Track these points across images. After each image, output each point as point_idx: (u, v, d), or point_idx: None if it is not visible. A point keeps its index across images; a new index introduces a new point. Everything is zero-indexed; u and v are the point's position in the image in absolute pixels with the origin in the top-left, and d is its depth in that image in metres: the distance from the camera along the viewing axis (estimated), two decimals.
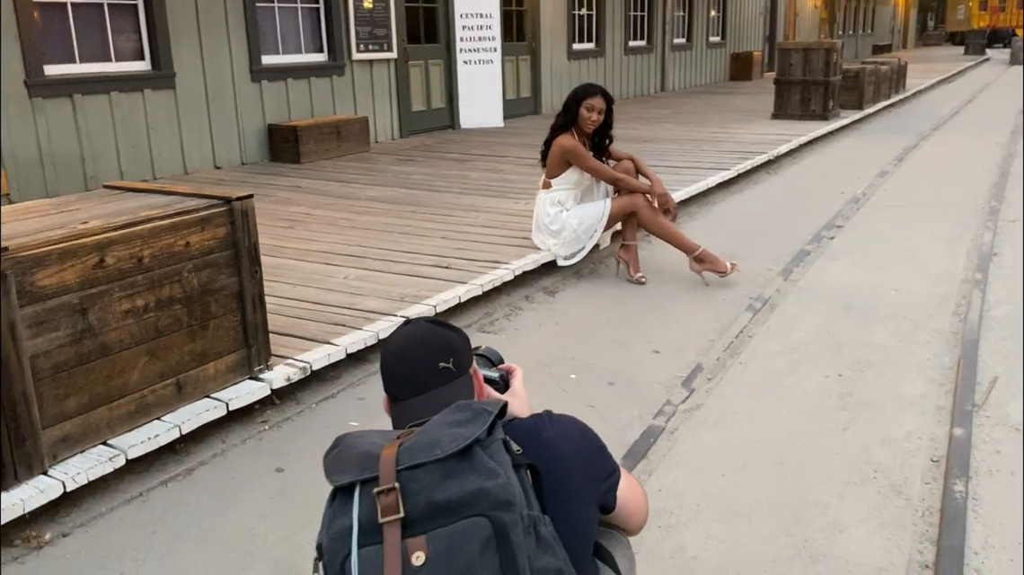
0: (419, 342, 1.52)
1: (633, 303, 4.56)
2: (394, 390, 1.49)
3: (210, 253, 2.87)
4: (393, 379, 1.50)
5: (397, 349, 1.51)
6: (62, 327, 2.46)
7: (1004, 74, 23.12)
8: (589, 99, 4.67)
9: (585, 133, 4.74)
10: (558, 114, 4.83)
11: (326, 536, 1.22)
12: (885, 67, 13.85)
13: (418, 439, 1.25)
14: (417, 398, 1.47)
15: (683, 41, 17.00)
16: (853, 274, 5.00)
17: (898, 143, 10.20)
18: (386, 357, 1.54)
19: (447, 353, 1.52)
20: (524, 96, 12.35)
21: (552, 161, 4.73)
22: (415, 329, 1.55)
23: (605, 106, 4.69)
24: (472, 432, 1.26)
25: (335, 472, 1.26)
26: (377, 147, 9.35)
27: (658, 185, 4.77)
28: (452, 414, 1.32)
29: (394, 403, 1.51)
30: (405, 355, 1.49)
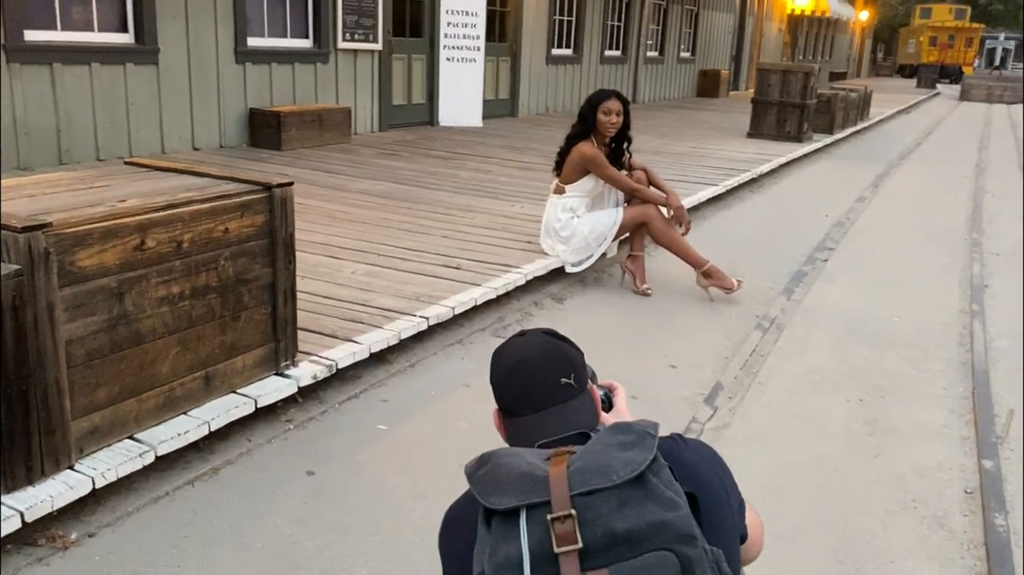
0: (541, 355, 1.42)
1: (642, 315, 4.51)
2: (512, 405, 1.40)
3: (247, 241, 2.72)
4: (512, 394, 1.40)
5: (516, 363, 1.42)
6: (98, 312, 2.30)
7: (956, 109, 23.85)
8: (605, 103, 4.61)
9: (604, 139, 4.68)
10: (574, 124, 4.76)
11: (489, 565, 1.11)
12: (854, 94, 14.13)
13: (586, 462, 1.15)
14: (537, 414, 1.38)
15: (656, 54, 17.11)
16: (853, 298, 5.03)
17: (870, 169, 10.39)
18: (503, 370, 1.44)
19: (568, 368, 1.43)
20: (502, 98, 12.26)
21: (570, 168, 4.65)
22: (534, 341, 1.45)
23: (622, 107, 4.64)
24: (643, 457, 1.17)
25: (494, 493, 1.15)
26: (357, 139, 9.17)
27: (674, 198, 4.73)
28: (613, 435, 1.22)
29: (509, 418, 1.42)
30: (526, 369, 1.40)
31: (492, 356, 1.53)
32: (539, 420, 1.38)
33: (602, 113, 4.60)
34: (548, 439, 1.33)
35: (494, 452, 1.22)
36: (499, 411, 1.47)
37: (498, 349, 1.53)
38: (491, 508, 1.13)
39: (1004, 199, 8.76)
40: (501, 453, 1.22)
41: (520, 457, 1.20)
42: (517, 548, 1.10)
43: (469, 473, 1.20)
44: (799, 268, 5.64)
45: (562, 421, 1.38)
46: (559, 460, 1.17)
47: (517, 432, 1.40)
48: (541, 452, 1.24)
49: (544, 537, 1.09)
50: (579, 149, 4.60)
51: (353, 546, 2.34)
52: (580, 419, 1.39)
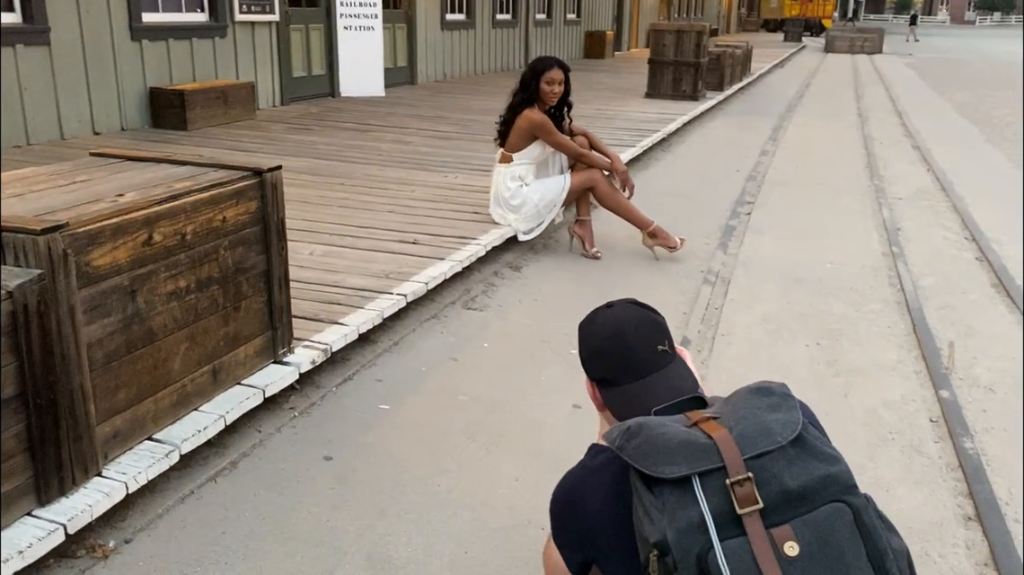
0: (636, 325, 1.49)
1: (597, 277, 4.62)
2: (614, 375, 1.46)
3: (243, 229, 2.65)
4: (613, 364, 1.46)
5: (614, 333, 1.48)
6: (114, 312, 2.21)
7: (824, 61, 25.01)
8: (548, 72, 4.66)
9: (545, 107, 4.73)
10: (515, 91, 4.79)
11: (671, 530, 1.16)
12: (739, 51, 14.63)
13: (745, 427, 1.22)
14: (642, 382, 1.45)
15: (544, 17, 17.19)
16: (784, 248, 5.30)
17: (764, 124, 10.84)
18: (601, 341, 1.49)
19: (662, 334, 1.51)
20: (400, 65, 12.09)
21: (516, 136, 4.69)
22: (627, 312, 1.51)
23: (564, 77, 4.70)
24: (795, 418, 1.25)
25: (659, 462, 1.20)
26: (262, 114, 8.89)
27: (618, 162, 4.84)
28: (756, 398, 1.30)
29: (610, 388, 1.47)
30: (625, 339, 1.47)
31: (581, 329, 1.57)
32: (646, 388, 1.44)
33: (545, 83, 4.64)
34: (662, 405, 1.39)
35: (640, 423, 1.27)
36: (595, 383, 1.52)
37: (586, 322, 1.57)
38: (660, 477, 1.19)
39: (890, 146, 9.34)
40: (648, 424, 1.27)
41: (669, 426, 1.25)
42: (698, 512, 1.15)
43: (619, 445, 1.25)
44: (726, 223, 5.88)
45: (669, 387, 1.44)
46: (712, 426, 1.23)
47: (623, 400, 1.45)
48: (679, 418, 1.30)
49: (723, 500, 1.15)
50: (527, 116, 4.63)
51: (392, 526, 2.36)
52: (684, 384, 1.46)
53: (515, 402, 3.14)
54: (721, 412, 1.28)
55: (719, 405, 1.34)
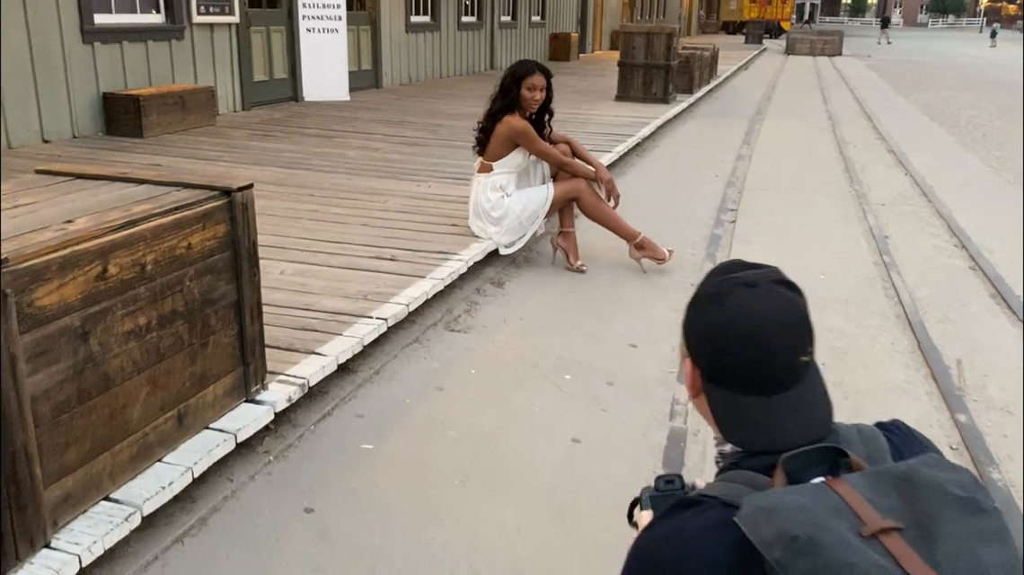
0: (782, 322, 1.07)
1: (584, 293, 4.40)
2: (732, 380, 1.08)
3: (211, 255, 2.37)
4: (739, 369, 1.07)
5: (752, 331, 1.06)
6: (63, 358, 1.92)
7: (786, 63, 25.13)
8: (529, 78, 4.44)
9: (525, 114, 4.50)
10: (494, 97, 4.55)
11: None
12: (707, 53, 14.54)
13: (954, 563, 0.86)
14: (769, 399, 1.06)
15: (509, 19, 16.97)
16: (773, 258, 5.02)
17: (736, 127, 10.72)
18: (733, 339, 1.07)
19: (808, 338, 1.09)
20: (365, 68, 11.78)
21: (497, 143, 4.44)
22: (773, 300, 1.08)
23: (546, 82, 4.48)
24: (1015, 556, 0.90)
25: None
26: (222, 120, 8.52)
27: (602, 170, 4.62)
28: (965, 517, 0.91)
29: (720, 390, 1.09)
30: (766, 343, 1.05)
31: (700, 304, 1.13)
32: (770, 409, 1.06)
33: (526, 89, 4.42)
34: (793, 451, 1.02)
35: (812, 539, 0.90)
36: (701, 373, 1.12)
37: (714, 299, 1.11)
38: None
39: (865, 150, 9.25)
40: (824, 543, 0.90)
41: (853, 549, 0.89)
42: None
43: (778, 559, 0.90)
44: (711, 231, 5.70)
45: (802, 417, 1.06)
46: (907, 556, 0.88)
47: (734, 413, 1.09)
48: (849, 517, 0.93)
49: None
50: (508, 123, 4.40)
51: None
52: (818, 413, 1.08)
53: (508, 437, 2.89)
54: (898, 512, 0.93)
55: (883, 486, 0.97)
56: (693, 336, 1.12)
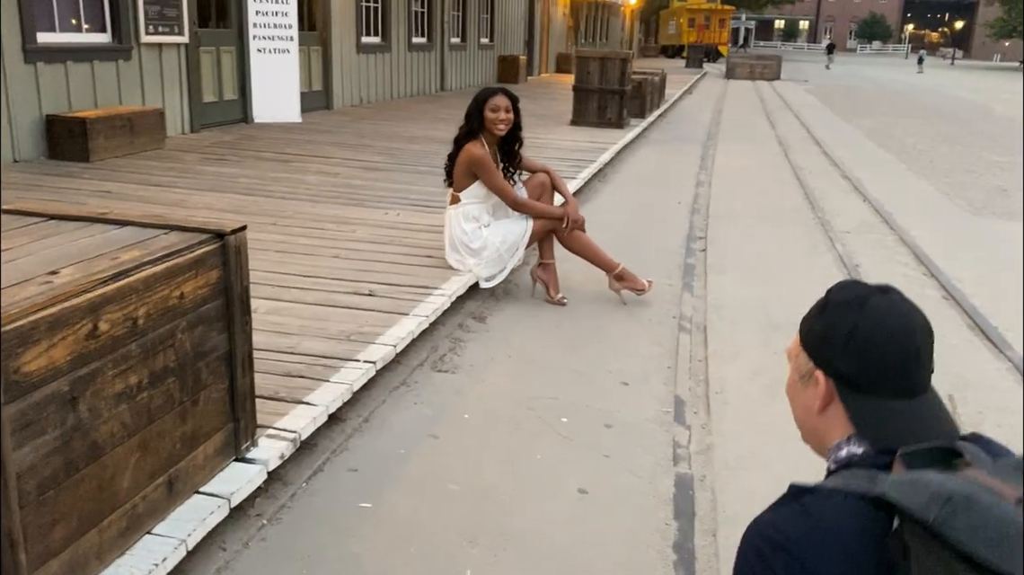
0: (924, 328, 1.10)
1: (567, 327, 4.27)
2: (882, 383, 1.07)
3: (203, 304, 2.18)
4: (889, 369, 1.07)
5: (903, 331, 1.08)
6: (49, 428, 1.72)
7: (727, 87, 25.59)
8: (492, 99, 4.34)
9: (495, 139, 4.40)
10: (461, 126, 4.43)
11: None
12: (656, 78, 14.67)
13: None
14: (909, 403, 1.08)
15: (459, 41, 16.90)
16: (750, 289, 5.09)
17: (691, 152, 10.79)
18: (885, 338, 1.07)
19: (933, 345, 1.13)
20: (316, 90, 11.54)
21: (460, 172, 4.33)
22: (908, 305, 1.11)
23: (510, 104, 4.38)
24: None
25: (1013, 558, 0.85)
26: (171, 143, 8.21)
27: (573, 208, 4.49)
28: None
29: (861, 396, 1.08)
30: (915, 344, 1.08)
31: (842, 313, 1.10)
32: (912, 411, 1.08)
33: (489, 110, 4.31)
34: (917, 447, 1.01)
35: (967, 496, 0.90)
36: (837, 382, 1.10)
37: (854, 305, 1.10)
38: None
39: (820, 176, 9.38)
40: (979, 499, 0.89)
41: (1006, 507, 0.89)
42: None
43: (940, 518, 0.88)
44: (684, 261, 5.65)
45: (934, 417, 1.08)
46: None
47: (881, 419, 1.08)
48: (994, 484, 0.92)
49: None
50: (467, 150, 4.28)
51: None
52: (946, 416, 1.10)
53: (512, 490, 2.74)
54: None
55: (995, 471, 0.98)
56: (831, 344, 1.10)
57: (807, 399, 1.14)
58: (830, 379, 1.10)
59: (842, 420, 1.10)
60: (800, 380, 1.16)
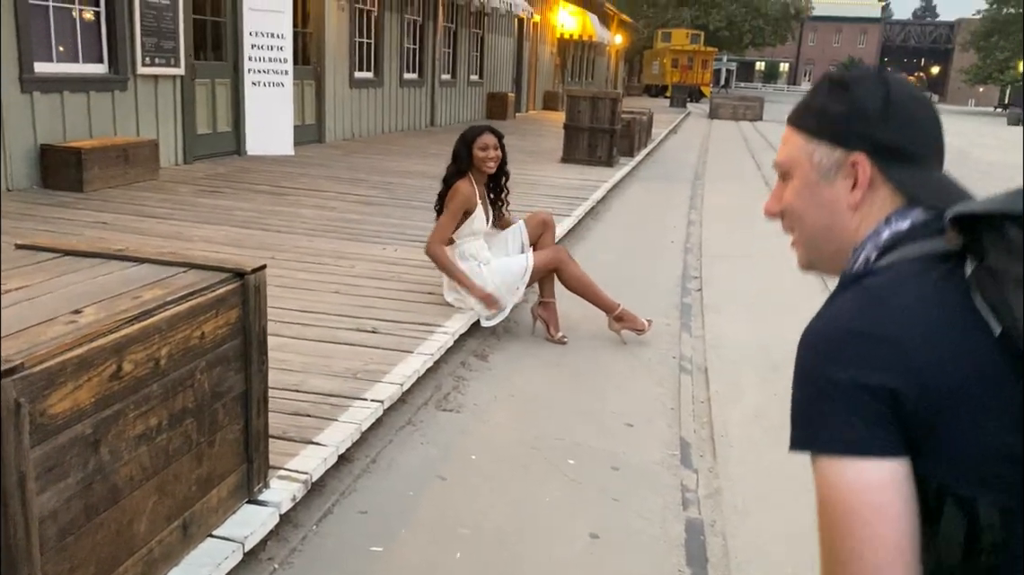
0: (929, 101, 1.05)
1: (569, 366, 4.27)
2: (918, 149, 1.01)
3: (222, 344, 2.16)
4: (921, 135, 1.01)
5: (922, 97, 1.03)
6: (72, 471, 1.68)
7: (711, 127, 25.89)
8: (481, 138, 4.38)
9: (484, 177, 4.44)
10: (448, 165, 4.45)
11: None
12: (644, 117, 14.84)
13: None
14: (940, 175, 1.02)
15: (449, 77, 17.04)
16: (749, 329, 5.11)
17: (680, 191, 10.89)
18: (913, 101, 1.01)
19: None
20: (309, 123, 11.57)
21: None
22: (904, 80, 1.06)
23: (498, 142, 4.42)
24: None
25: None
26: (165, 174, 8.18)
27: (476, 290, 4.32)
28: None
29: (902, 166, 1.00)
30: (933, 107, 1.03)
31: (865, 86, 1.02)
32: (943, 182, 1.01)
33: (478, 149, 4.35)
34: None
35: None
36: (877, 160, 1.01)
37: (868, 77, 1.03)
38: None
39: None
40: None
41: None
42: None
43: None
44: (681, 300, 5.67)
45: (958, 189, 1.01)
46: None
47: (927, 184, 1.00)
48: None
49: None
50: (456, 188, 4.30)
51: None
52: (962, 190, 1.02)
53: (523, 533, 2.71)
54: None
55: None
56: (866, 118, 1.00)
57: (835, 195, 1.02)
58: (870, 158, 1.00)
59: (884, 201, 1.00)
60: (821, 179, 1.03)
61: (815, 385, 0.90)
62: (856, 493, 0.86)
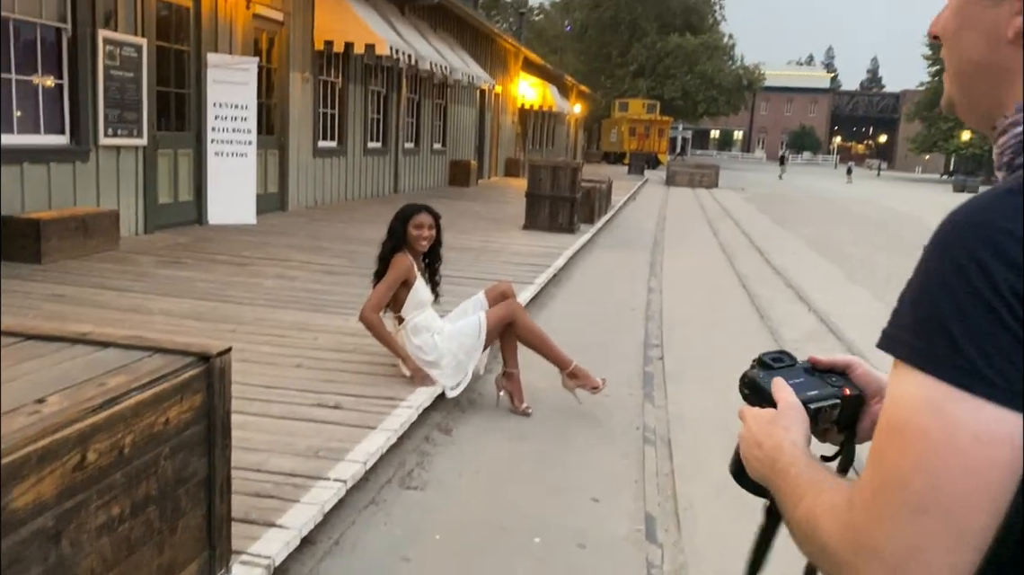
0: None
1: (534, 439, 4.27)
2: None
3: (186, 430, 2.15)
4: None
5: None
6: (32, 567, 1.65)
7: (669, 194, 26.43)
8: (416, 217, 4.48)
9: (418, 255, 4.52)
10: (383, 242, 4.52)
11: None
12: (603, 185, 15.14)
13: None
14: None
15: (412, 146, 17.27)
16: (711, 399, 5.17)
17: (640, 258, 11.06)
18: None
19: None
20: (271, 192, 11.60)
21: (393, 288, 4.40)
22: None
23: (434, 222, 4.51)
24: None
25: None
26: (125, 244, 8.12)
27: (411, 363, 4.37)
28: None
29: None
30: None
31: None
32: None
33: (413, 227, 4.44)
34: None
35: None
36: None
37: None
38: None
39: (765, 285, 9.67)
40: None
41: None
42: None
43: None
44: (643, 369, 5.73)
45: None
46: None
47: None
48: None
49: None
50: (395, 259, 4.37)
51: None
52: None
53: None
54: None
55: None
56: None
57: (996, 19, 0.79)
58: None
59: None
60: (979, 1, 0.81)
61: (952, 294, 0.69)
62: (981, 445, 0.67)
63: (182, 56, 9.52)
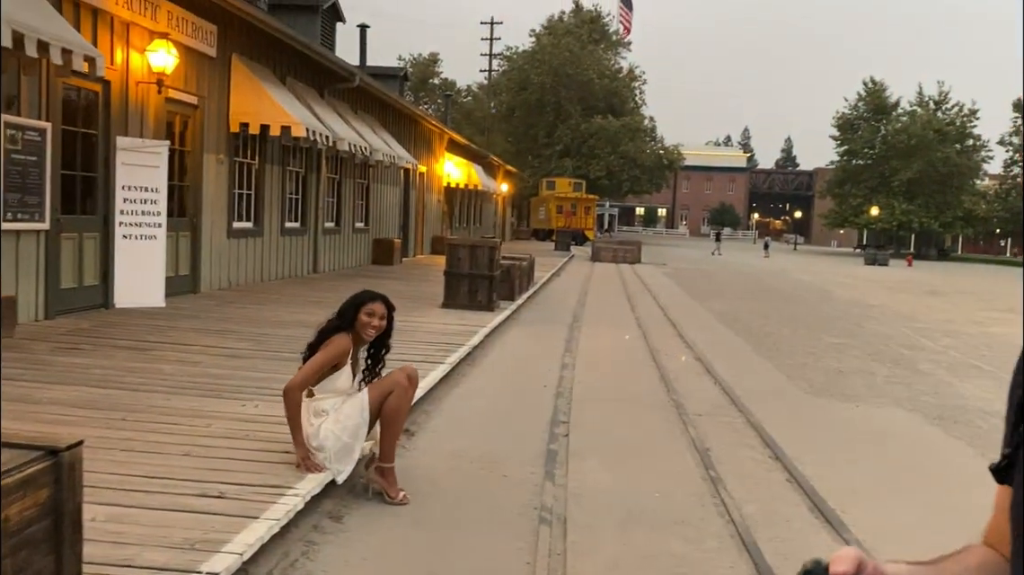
0: None
1: (428, 525, 4.23)
2: None
3: (29, 526, 2.09)
4: None
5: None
6: None
7: (593, 269, 26.93)
8: (370, 304, 4.47)
9: (363, 342, 4.49)
10: (330, 319, 4.52)
11: None
12: (524, 263, 15.35)
13: None
14: None
15: (333, 225, 17.29)
16: (611, 476, 5.22)
17: (557, 334, 11.19)
18: None
19: None
20: (183, 274, 11.43)
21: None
22: None
23: (386, 312, 4.51)
24: None
25: None
26: (23, 331, 7.86)
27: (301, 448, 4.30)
28: None
29: None
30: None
31: None
32: None
33: (365, 314, 4.43)
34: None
35: None
36: None
37: None
38: None
39: (675, 358, 9.88)
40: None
41: None
42: None
43: None
44: (547, 447, 5.75)
45: None
46: None
47: None
48: None
49: None
50: (333, 338, 4.33)
51: None
52: None
53: None
54: None
55: None
56: None
57: None
58: None
59: None
60: None
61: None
62: None
63: (90, 139, 9.44)
